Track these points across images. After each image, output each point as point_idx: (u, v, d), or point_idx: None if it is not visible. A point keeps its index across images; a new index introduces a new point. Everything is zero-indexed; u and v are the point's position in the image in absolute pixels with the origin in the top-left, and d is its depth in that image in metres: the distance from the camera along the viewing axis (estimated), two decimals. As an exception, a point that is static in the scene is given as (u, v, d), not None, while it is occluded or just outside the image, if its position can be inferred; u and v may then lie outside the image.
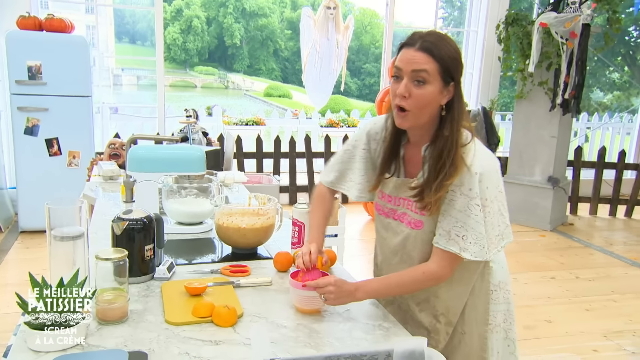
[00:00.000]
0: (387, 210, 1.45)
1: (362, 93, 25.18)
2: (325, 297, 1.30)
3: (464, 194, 1.27)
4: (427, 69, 1.23)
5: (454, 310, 1.43)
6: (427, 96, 1.24)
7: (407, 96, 1.25)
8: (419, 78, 1.24)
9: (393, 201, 1.43)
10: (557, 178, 4.96)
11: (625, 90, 16.11)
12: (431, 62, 1.23)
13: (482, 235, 1.28)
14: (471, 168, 1.27)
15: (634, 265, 4.21)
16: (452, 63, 1.25)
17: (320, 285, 1.30)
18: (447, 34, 1.31)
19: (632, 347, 2.89)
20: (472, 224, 1.27)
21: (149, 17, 21.98)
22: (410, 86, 1.25)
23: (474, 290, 1.43)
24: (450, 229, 1.29)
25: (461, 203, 1.27)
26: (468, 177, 1.26)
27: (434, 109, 1.28)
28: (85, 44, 4.10)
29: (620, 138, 7.15)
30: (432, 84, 1.24)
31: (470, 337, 1.44)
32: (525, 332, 2.99)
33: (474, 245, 1.27)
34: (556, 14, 4.49)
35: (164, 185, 1.93)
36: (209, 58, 28.08)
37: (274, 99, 23.94)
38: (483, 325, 1.45)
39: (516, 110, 5.14)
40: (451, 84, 1.27)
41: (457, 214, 1.28)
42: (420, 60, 1.23)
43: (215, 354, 1.14)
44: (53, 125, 4.10)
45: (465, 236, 1.27)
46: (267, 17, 27.54)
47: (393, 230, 1.45)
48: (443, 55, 1.23)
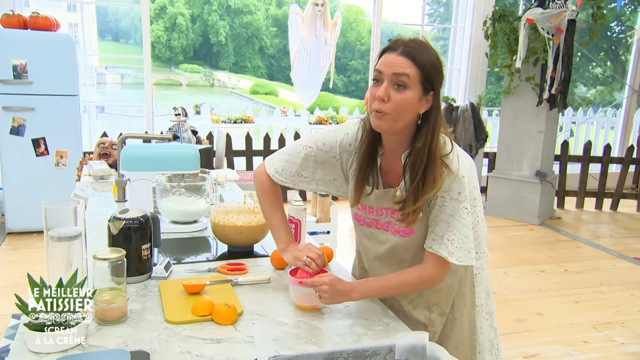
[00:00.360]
0: (369, 221, 1.44)
1: (349, 90, 25.18)
2: (320, 296, 1.31)
3: (453, 199, 1.28)
4: (408, 73, 1.22)
5: (447, 299, 1.45)
6: (406, 101, 1.23)
7: (386, 100, 1.23)
8: (399, 82, 1.22)
9: (375, 211, 1.41)
10: (544, 172, 5.01)
11: (608, 85, 16.32)
12: (412, 67, 1.22)
13: (468, 239, 1.29)
14: (458, 173, 1.27)
15: (620, 258, 4.27)
16: (433, 71, 1.24)
17: (316, 283, 1.30)
18: (430, 41, 1.30)
19: (621, 337, 2.94)
20: (460, 227, 1.28)
21: (132, 14, 21.67)
22: (389, 90, 1.23)
23: (461, 278, 1.46)
24: (444, 233, 1.30)
25: (451, 207, 1.28)
26: (457, 181, 1.27)
27: (411, 115, 1.26)
28: (71, 43, 4.05)
29: (604, 132, 7.25)
30: (412, 90, 1.23)
31: (461, 322, 1.46)
32: (517, 324, 3.03)
33: (460, 250, 1.29)
34: (542, 10, 4.53)
35: (158, 184, 1.92)
36: (194, 56, 27.87)
37: (260, 96, 23.84)
38: (471, 309, 1.48)
39: (504, 105, 5.19)
40: (430, 93, 1.26)
41: (449, 218, 1.29)
42: (402, 64, 1.22)
43: (217, 352, 1.14)
44: (39, 125, 4.05)
45: (454, 240, 1.29)
46: (252, 14, 27.39)
47: (377, 240, 1.44)
48: (425, 61, 1.23)
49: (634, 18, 7.61)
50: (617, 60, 14.32)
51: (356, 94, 23.46)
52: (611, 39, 14.13)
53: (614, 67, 14.42)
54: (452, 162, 1.28)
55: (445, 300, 1.45)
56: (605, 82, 16.43)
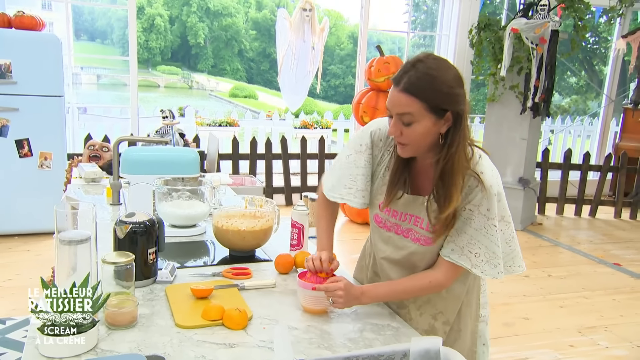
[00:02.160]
0: (390, 225, 1.43)
1: (328, 94, 25.24)
2: (334, 300, 1.31)
3: (482, 214, 1.28)
4: (411, 112, 1.21)
5: (452, 308, 1.45)
6: (419, 133, 1.23)
7: (399, 135, 1.25)
8: (404, 120, 1.23)
9: (399, 216, 1.40)
10: (527, 179, 5.11)
11: (582, 94, 16.72)
12: (415, 104, 1.20)
13: (496, 255, 1.29)
14: (491, 189, 1.27)
15: (600, 263, 4.37)
16: (441, 98, 1.20)
17: (330, 289, 1.31)
18: (437, 62, 1.23)
19: (605, 342, 3.00)
20: (487, 243, 1.29)
21: (109, 14, 21.29)
22: (399, 126, 1.24)
23: (469, 288, 1.46)
24: (464, 245, 1.30)
25: (478, 222, 1.28)
26: (488, 198, 1.27)
27: (432, 138, 1.26)
28: (57, 42, 3.98)
29: (581, 141, 7.43)
30: (421, 122, 1.22)
31: (465, 334, 1.47)
32: (505, 329, 3.08)
33: (486, 264, 1.30)
34: (526, 20, 4.63)
35: (158, 188, 1.90)
36: (171, 57, 27.61)
37: (239, 99, 23.73)
38: (475, 321, 1.49)
39: (488, 113, 5.27)
40: (448, 113, 1.22)
41: (473, 232, 1.29)
42: (403, 102, 1.21)
43: (231, 357, 1.14)
44: (23, 126, 3.96)
45: (478, 254, 1.29)
46: (231, 16, 27.27)
47: (394, 244, 1.43)
48: (428, 94, 1.19)
49: (610, 30, 7.82)
50: (592, 70, 14.68)
51: (335, 98, 23.51)
52: (586, 49, 14.47)
53: (588, 77, 14.77)
54: (486, 177, 1.27)
55: (451, 309, 1.45)
56: (579, 91, 16.83)
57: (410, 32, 6.41)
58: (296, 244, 1.75)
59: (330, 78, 25.83)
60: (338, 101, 22.79)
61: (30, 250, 3.89)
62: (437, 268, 1.36)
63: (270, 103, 20.08)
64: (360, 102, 4.85)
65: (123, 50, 17.72)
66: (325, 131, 6.46)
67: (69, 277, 1.23)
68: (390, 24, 19.31)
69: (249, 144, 5.31)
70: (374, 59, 4.86)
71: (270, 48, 21.42)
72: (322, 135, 5.70)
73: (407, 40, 6.10)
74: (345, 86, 22.93)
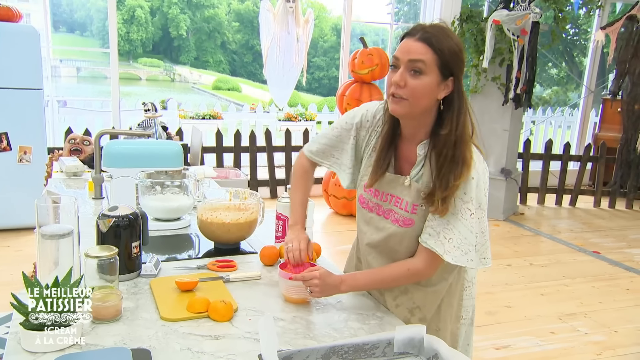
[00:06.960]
0: (372, 205, 1.43)
1: (312, 87, 25.16)
2: (311, 290, 1.32)
3: (458, 197, 1.28)
4: (424, 60, 1.22)
5: (430, 305, 1.45)
6: (423, 86, 1.23)
7: (403, 85, 1.24)
8: (415, 68, 1.23)
9: (380, 196, 1.40)
10: (509, 170, 5.17)
11: (563, 86, 16.90)
12: (429, 53, 1.22)
13: (467, 241, 1.28)
14: (469, 173, 1.28)
15: (580, 252, 4.45)
16: (451, 57, 1.24)
17: (307, 278, 1.31)
18: (450, 29, 1.29)
19: (584, 328, 3.07)
20: (460, 227, 1.28)
21: (89, 5, 20.92)
22: (406, 75, 1.24)
23: (450, 288, 1.45)
24: (441, 230, 1.29)
25: (454, 205, 1.28)
26: (465, 180, 1.27)
27: (429, 101, 1.27)
28: (35, 34, 3.92)
29: (562, 131, 7.52)
30: (429, 75, 1.23)
31: (444, 334, 1.46)
32: (488, 317, 3.12)
33: (456, 250, 1.28)
34: (508, 12, 4.66)
35: (141, 181, 1.89)
36: (153, 50, 27.25)
37: (223, 92, 23.55)
38: (456, 322, 1.48)
39: (470, 104, 5.30)
40: (450, 79, 1.26)
41: (450, 216, 1.28)
42: (418, 50, 1.23)
43: (217, 349, 1.14)
44: (1, 120, 3.89)
45: (452, 239, 1.28)
46: (214, 8, 26.98)
47: (374, 226, 1.43)
48: (443, 47, 1.22)
49: (589, 22, 7.90)
50: (572, 61, 14.84)
51: (319, 90, 23.43)
52: (566, 41, 14.62)
53: (568, 68, 14.94)
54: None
55: (429, 305, 1.44)
56: (560, 83, 17.01)
57: (393, 24, 6.42)
58: (281, 236, 1.76)
59: (314, 70, 25.74)
60: (322, 93, 22.73)
61: (10, 246, 3.84)
62: (416, 256, 1.36)
63: (254, 95, 19.96)
64: (344, 94, 4.85)
65: (103, 42, 17.44)
66: (309, 123, 6.45)
67: (51, 272, 1.22)
68: (374, 15, 19.32)
69: (232, 137, 5.28)
70: (357, 51, 4.86)
71: (254, 40, 21.25)
72: (306, 127, 5.69)
73: (390, 32, 6.11)
74: (329, 78, 22.86)
